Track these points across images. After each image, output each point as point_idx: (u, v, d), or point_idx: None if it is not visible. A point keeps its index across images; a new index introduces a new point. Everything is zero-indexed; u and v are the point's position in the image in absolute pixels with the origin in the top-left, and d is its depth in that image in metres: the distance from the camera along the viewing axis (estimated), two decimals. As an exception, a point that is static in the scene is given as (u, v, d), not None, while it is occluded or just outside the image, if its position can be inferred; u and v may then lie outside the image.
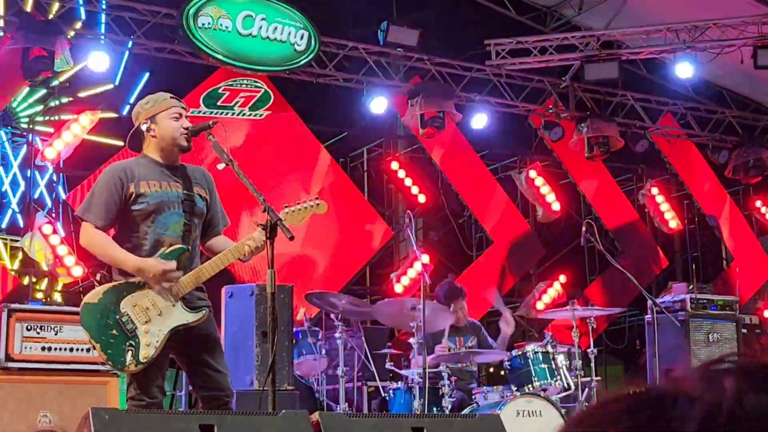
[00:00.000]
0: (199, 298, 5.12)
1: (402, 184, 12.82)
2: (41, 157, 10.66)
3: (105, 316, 4.89)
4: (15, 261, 14.04)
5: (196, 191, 5.21)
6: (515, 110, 13.22)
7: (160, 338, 4.89)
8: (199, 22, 10.69)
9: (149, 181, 5.09)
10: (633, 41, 13.02)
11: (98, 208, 5.04)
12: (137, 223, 5.06)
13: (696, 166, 14.76)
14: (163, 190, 5.10)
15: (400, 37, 11.83)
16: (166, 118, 5.17)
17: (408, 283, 12.45)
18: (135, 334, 4.87)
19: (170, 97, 5.27)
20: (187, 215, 5.11)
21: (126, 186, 5.06)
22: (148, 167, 5.15)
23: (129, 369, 4.84)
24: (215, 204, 5.34)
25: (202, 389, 5.10)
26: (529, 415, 7.86)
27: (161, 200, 5.07)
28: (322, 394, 9.03)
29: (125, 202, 5.06)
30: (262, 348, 7.99)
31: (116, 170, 5.13)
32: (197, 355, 5.08)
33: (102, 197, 5.06)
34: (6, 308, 7.42)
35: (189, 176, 5.25)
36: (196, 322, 4.98)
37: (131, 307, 4.91)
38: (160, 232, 5.04)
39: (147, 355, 4.85)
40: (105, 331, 4.87)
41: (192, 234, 5.13)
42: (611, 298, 13.43)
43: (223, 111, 11.48)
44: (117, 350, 4.84)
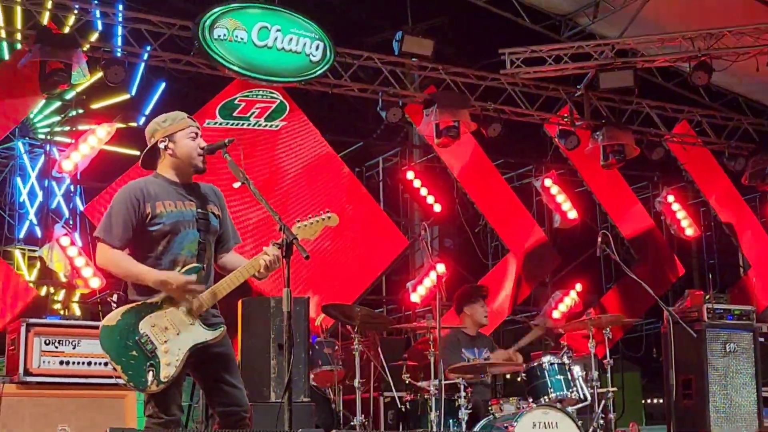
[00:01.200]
0: (214, 315, 5.14)
1: (417, 194, 12.83)
2: (58, 169, 10.71)
3: (124, 337, 4.90)
4: (33, 271, 14.16)
5: (210, 209, 5.23)
6: (530, 119, 13.21)
7: (180, 357, 4.90)
8: (215, 34, 10.74)
9: (165, 201, 5.11)
10: (648, 49, 12.99)
11: (116, 229, 5.06)
12: (153, 243, 5.08)
13: (712, 173, 14.70)
14: (178, 209, 5.12)
15: (414, 47, 11.84)
16: (184, 137, 5.19)
17: (424, 292, 12.45)
18: (155, 354, 4.88)
19: (186, 117, 5.29)
20: (202, 234, 5.13)
21: (143, 206, 5.08)
22: (163, 186, 5.17)
23: (151, 389, 4.86)
24: (226, 221, 5.36)
25: (219, 405, 5.12)
26: (546, 427, 7.85)
27: (177, 220, 5.09)
28: (339, 405, 9.03)
29: (141, 222, 5.08)
30: (278, 360, 8.01)
31: (132, 190, 5.14)
32: (214, 372, 5.10)
33: (119, 218, 5.07)
34: (24, 323, 7.48)
35: (202, 194, 5.27)
36: (215, 339, 5.00)
37: (150, 328, 4.92)
38: (176, 251, 5.06)
39: (168, 374, 4.87)
40: (125, 352, 4.88)
41: (207, 252, 5.15)
42: (628, 306, 13.39)
43: (238, 122, 11.51)
44: (138, 371, 4.86)
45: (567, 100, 13.35)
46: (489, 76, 12.81)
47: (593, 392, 8.38)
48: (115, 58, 10.73)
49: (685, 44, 12.49)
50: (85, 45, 10.58)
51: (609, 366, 8.64)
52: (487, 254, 14.22)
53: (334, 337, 9.75)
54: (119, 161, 12.42)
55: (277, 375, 7.98)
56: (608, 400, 8.45)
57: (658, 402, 19.40)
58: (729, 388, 9.51)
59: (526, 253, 13.42)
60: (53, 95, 11.15)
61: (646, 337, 15.05)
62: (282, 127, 11.89)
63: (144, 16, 10.96)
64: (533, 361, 8.56)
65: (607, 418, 8.43)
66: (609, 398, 8.45)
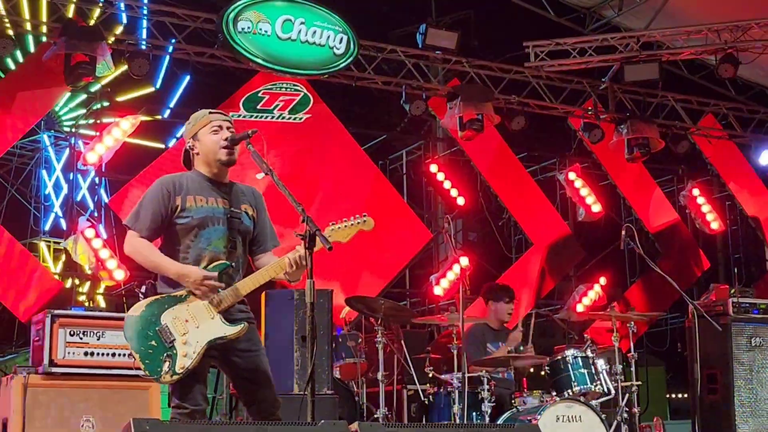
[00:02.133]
0: (240, 311, 5.15)
1: (441, 187, 12.80)
2: (83, 161, 10.76)
3: (146, 327, 4.95)
4: (58, 263, 14.24)
5: (244, 209, 5.25)
6: (554, 112, 13.17)
7: (197, 350, 4.92)
8: (238, 27, 10.75)
9: (196, 195, 5.15)
10: (674, 42, 12.92)
11: (145, 219, 5.12)
12: (180, 236, 5.12)
13: (738, 166, 14.62)
14: (209, 205, 5.15)
15: (438, 39, 11.82)
16: (206, 133, 5.22)
17: (447, 285, 12.44)
18: (173, 345, 4.92)
19: (209, 112, 5.31)
20: (232, 232, 5.15)
21: (173, 198, 5.13)
22: (197, 182, 5.22)
23: (164, 379, 4.89)
24: (263, 222, 5.36)
25: (248, 403, 5.15)
26: (569, 420, 7.83)
27: (205, 215, 5.12)
28: (362, 397, 9.04)
29: (171, 215, 5.13)
30: (301, 352, 8.04)
31: (165, 183, 5.20)
32: (238, 369, 5.12)
33: (149, 208, 5.13)
34: (50, 314, 7.52)
35: (238, 193, 5.30)
36: (234, 335, 5.00)
37: (171, 320, 4.96)
38: (202, 246, 5.09)
39: (183, 365, 4.90)
40: (144, 342, 4.92)
41: (236, 251, 5.17)
42: (652, 300, 13.34)
43: (262, 115, 11.54)
44: (155, 360, 4.90)
45: (591, 93, 13.29)
46: (513, 68, 12.77)
47: (617, 386, 8.35)
48: (139, 51, 10.77)
49: (711, 36, 12.42)
50: (110, 38, 10.61)
51: (633, 360, 8.60)
52: (511, 247, 14.18)
53: (358, 330, 9.75)
54: (144, 154, 12.48)
55: (300, 367, 8.01)
56: (632, 394, 8.41)
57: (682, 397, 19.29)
58: (754, 383, 9.44)
59: (550, 247, 13.38)
60: (78, 88, 11.19)
61: (671, 332, 14.97)
62: (305, 120, 11.90)
63: (168, 8, 11.00)
64: (557, 355, 8.54)
65: (631, 412, 8.39)
66: (633, 392, 8.41)
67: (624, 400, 8.30)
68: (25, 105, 10.42)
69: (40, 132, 13.90)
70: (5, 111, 10.31)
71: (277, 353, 7.77)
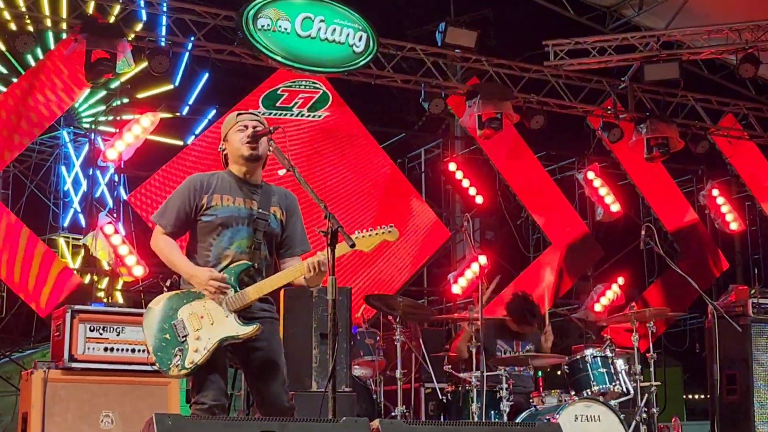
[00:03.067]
0: (262, 309, 5.16)
1: (459, 185, 12.80)
2: (103, 157, 10.79)
3: (162, 321, 4.99)
4: (77, 259, 14.30)
5: (272, 210, 5.25)
6: (573, 111, 13.13)
7: (208, 346, 4.94)
8: (258, 24, 10.77)
9: (223, 195, 5.18)
10: (694, 41, 12.88)
11: (169, 215, 5.17)
12: (204, 234, 5.16)
13: (758, 166, 14.56)
14: (235, 205, 5.17)
15: (457, 38, 11.80)
16: (233, 133, 5.25)
17: (465, 284, 12.44)
18: (185, 340, 4.95)
19: (237, 114, 5.33)
20: (257, 233, 5.15)
21: (199, 196, 5.16)
22: (228, 181, 5.24)
23: (172, 372, 4.93)
24: (293, 226, 5.34)
25: (261, 406, 5.15)
26: (588, 420, 7.80)
27: (230, 215, 5.14)
28: (380, 395, 9.04)
29: (196, 212, 5.16)
30: (320, 350, 8.03)
31: (194, 180, 5.24)
32: (254, 370, 5.13)
33: (174, 205, 5.18)
34: (70, 309, 7.54)
35: (269, 195, 5.30)
36: (246, 336, 4.99)
37: (188, 315, 5.00)
38: (224, 245, 5.11)
39: (193, 360, 4.91)
40: (159, 334, 4.97)
41: (261, 252, 5.17)
42: (671, 300, 13.29)
43: (282, 112, 11.55)
44: (166, 353, 4.94)
45: (611, 92, 13.26)
46: (532, 67, 12.75)
47: (636, 386, 8.33)
48: (159, 48, 10.78)
49: (731, 36, 12.37)
50: (130, 35, 10.65)
51: (652, 360, 8.57)
52: (529, 246, 14.16)
53: (376, 328, 9.75)
54: (163, 151, 12.53)
55: (318, 364, 8.00)
56: (651, 394, 8.38)
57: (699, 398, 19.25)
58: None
59: (569, 246, 13.35)
60: (98, 84, 11.24)
61: (689, 332, 14.93)
62: (325, 118, 11.91)
63: (188, 5, 11.02)
64: (576, 354, 8.51)
65: (650, 412, 8.37)
66: (652, 392, 8.38)
67: (643, 401, 8.27)
68: (45, 102, 10.46)
69: (60, 128, 13.95)
70: (25, 107, 10.34)
71: (295, 350, 7.77)
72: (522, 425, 6.50)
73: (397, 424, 4.52)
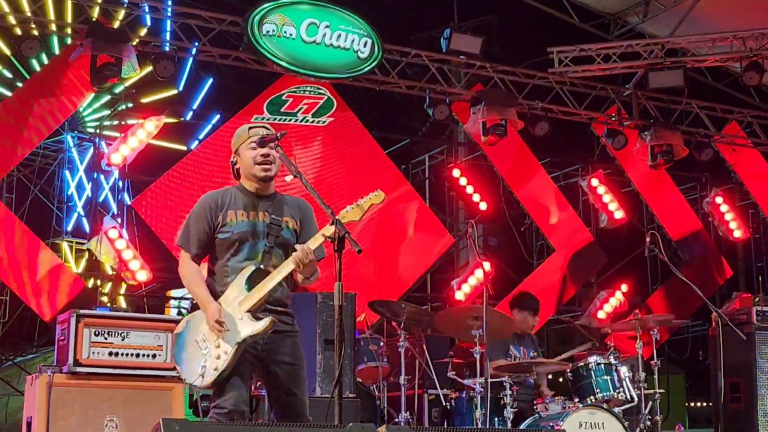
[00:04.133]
0: (283, 323, 5.21)
1: (463, 191, 12.80)
2: (107, 161, 10.79)
3: (187, 340, 5.14)
4: (80, 263, 14.31)
5: (285, 220, 5.27)
6: (578, 118, 13.13)
7: (228, 350, 4.98)
8: (263, 30, 10.77)
9: (237, 210, 5.21)
10: (698, 49, 12.90)
11: (194, 238, 5.22)
12: (222, 250, 5.21)
13: (762, 174, 14.55)
14: (250, 220, 5.19)
15: (462, 44, 11.82)
16: (245, 149, 5.25)
17: (469, 290, 12.42)
18: (209, 351, 5.03)
19: (249, 128, 5.32)
20: (270, 240, 5.17)
21: (215, 215, 5.21)
22: (239, 197, 5.26)
23: (203, 384, 5.00)
24: (307, 234, 5.30)
25: (281, 417, 5.16)
26: (592, 427, 7.80)
27: (245, 230, 5.17)
28: (383, 401, 9.02)
29: (214, 230, 5.21)
30: (324, 355, 8.03)
31: (208, 200, 5.27)
32: (276, 382, 5.18)
33: (196, 227, 5.23)
34: (75, 314, 7.54)
35: (281, 205, 5.31)
36: (262, 330, 5.00)
37: (207, 329, 5.08)
38: (240, 260, 5.16)
39: (216, 367, 4.97)
40: (185, 352, 5.10)
41: (272, 259, 5.18)
42: (674, 308, 13.27)
43: (286, 118, 11.56)
44: (192, 367, 5.04)
45: (615, 99, 13.27)
46: (537, 74, 12.76)
47: (640, 393, 8.31)
48: (164, 53, 10.79)
49: (736, 44, 12.39)
50: (135, 39, 10.66)
51: (656, 367, 8.57)
52: (532, 253, 14.15)
53: (380, 334, 9.73)
54: (167, 156, 12.53)
55: (322, 370, 8.00)
56: (655, 401, 8.38)
57: (701, 405, 19.23)
58: (778, 392, 9.40)
59: (572, 253, 13.34)
60: (103, 89, 11.24)
61: (692, 340, 14.91)
62: (329, 124, 11.92)
63: (193, 11, 11.03)
64: (579, 361, 8.50)
65: (653, 420, 8.36)
66: (656, 399, 8.37)
67: (647, 408, 8.26)
68: (50, 106, 10.46)
69: (64, 133, 13.96)
70: (30, 112, 10.35)
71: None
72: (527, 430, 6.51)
73: (404, 430, 4.52)
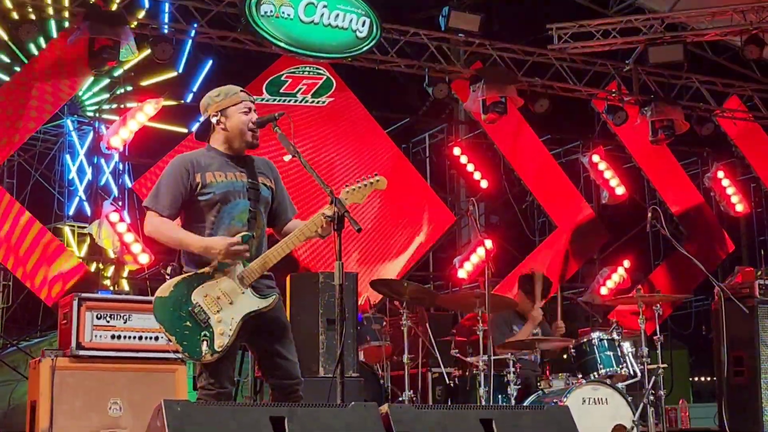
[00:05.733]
0: (268, 286, 5.15)
1: (464, 170, 12.79)
2: (107, 145, 10.78)
3: (177, 308, 4.93)
4: (82, 248, 14.30)
5: (261, 180, 5.25)
6: (578, 94, 13.10)
7: (233, 326, 4.92)
8: (261, 11, 10.73)
9: (215, 171, 5.14)
10: (698, 23, 12.83)
11: (165, 198, 5.10)
12: (203, 213, 5.12)
13: (763, 148, 14.52)
14: (228, 180, 5.14)
15: (461, 22, 11.77)
16: (237, 112, 5.21)
17: (471, 268, 12.44)
18: (208, 324, 4.91)
19: (240, 91, 5.29)
20: (252, 203, 5.15)
21: (192, 176, 5.11)
22: (214, 158, 5.20)
23: (206, 359, 4.88)
24: (281, 192, 5.36)
25: (272, 377, 5.14)
26: (596, 403, 7.81)
27: (227, 190, 5.12)
28: (387, 380, 9.05)
29: (191, 193, 5.12)
30: (327, 335, 8.05)
31: (183, 161, 5.18)
32: (268, 344, 5.12)
33: (169, 187, 5.11)
34: (77, 297, 7.55)
35: (253, 166, 5.29)
36: (267, 307, 5.01)
37: (202, 298, 4.95)
38: (227, 221, 5.09)
39: (222, 343, 4.89)
40: (179, 323, 4.91)
41: (258, 222, 5.16)
42: (677, 283, 13.30)
43: (285, 98, 11.54)
44: (192, 341, 4.89)
45: (615, 75, 13.23)
46: (536, 51, 12.71)
47: (643, 368, 8.32)
48: (162, 35, 10.76)
49: (736, 18, 12.33)
50: (133, 22, 10.63)
51: (659, 343, 8.57)
52: (534, 230, 14.17)
53: (382, 313, 9.75)
54: (167, 138, 12.50)
55: (325, 350, 8.02)
56: (658, 376, 8.38)
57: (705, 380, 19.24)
58: (781, 365, 9.39)
59: (574, 230, 13.34)
60: (102, 72, 11.19)
61: (695, 314, 14.92)
62: (328, 104, 11.89)
63: (191, -8, 10.99)
64: (582, 337, 8.51)
65: (657, 395, 8.36)
66: (659, 375, 8.37)
67: (650, 383, 8.26)
68: (49, 90, 10.44)
69: (64, 117, 13.91)
70: (29, 96, 10.33)
71: (302, 336, 7.77)
72: (530, 408, 6.51)
73: (406, 408, 4.52)
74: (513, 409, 5.41)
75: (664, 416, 8.24)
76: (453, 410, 4.71)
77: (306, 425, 4.19)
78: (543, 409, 5.03)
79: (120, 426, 7.46)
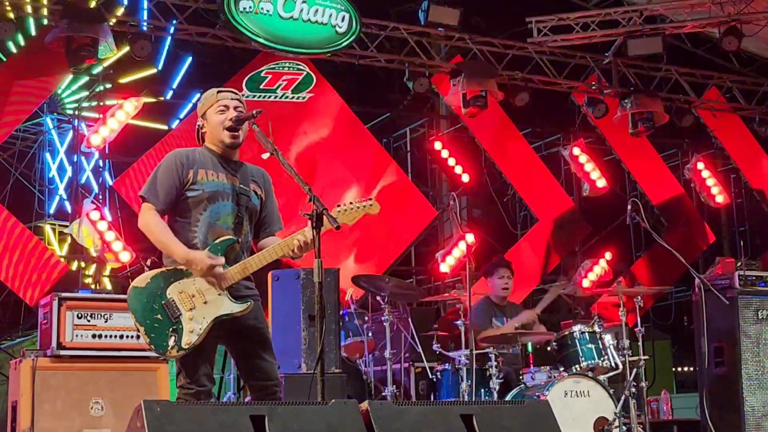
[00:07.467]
0: (247, 288, 5.16)
1: (445, 164, 12.79)
2: (87, 144, 10.75)
3: (151, 300, 4.96)
4: (63, 246, 14.24)
5: (252, 188, 5.28)
6: (558, 87, 13.11)
7: (203, 326, 4.94)
8: (240, 7, 10.70)
9: (207, 170, 5.18)
10: (677, 15, 12.85)
11: (160, 191, 5.13)
12: (190, 209, 5.14)
13: (742, 139, 14.57)
14: (219, 180, 5.18)
15: (440, 16, 11.75)
16: (213, 113, 5.25)
17: (453, 263, 12.44)
18: (179, 320, 4.93)
19: (218, 91, 5.31)
20: (240, 208, 5.17)
21: (186, 171, 5.15)
22: (208, 157, 5.24)
23: (171, 354, 4.91)
24: (271, 204, 5.39)
25: (251, 378, 5.16)
26: (578, 396, 7.87)
27: (215, 190, 5.14)
28: (370, 376, 9.06)
29: (182, 187, 5.14)
30: (309, 331, 8.04)
31: (178, 155, 5.22)
32: (246, 346, 5.14)
33: (164, 180, 5.14)
34: (57, 297, 7.54)
35: (247, 172, 5.32)
36: (241, 312, 5.02)
37: (177, 294, 4.97)
38: (211, 221, 5.11)
39: (189, 341, 4.91)
40: (150, 315, 4.93)
41: (243, 227, 5.18)
42: (658, 275, 13.34)
43: (265, 94, 11.52)
44: (160, 335, 4.91)
45: (595, 67, 13.25)
46: (516, 44, 12.72)
47: (624, 360, 8.36)
48: (141, 32, 10.73)
49: (714, 9, 12.36)
50: (111, 19, 10.59)
51: (640, 334, 8.61)
52: (516, 223, 14.19)
53: (364, 309, 9.76)
54: (147, 136, 12.46)
55: (307, 346, 8.01)
56: (640, 368, 8.43)
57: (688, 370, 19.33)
58: (761, 356, 9.42)
59: (555, 223, 13.37)
60: (80, 70, 11.15)
61: (677, 306, 14.98)
62: (309, 99, 11.88)
63: (169, -11, 10.95)
64: (564, 330, 8.55)
65: (639, 386, 8.41)
66: (641, 366, 8.42)
67: (632, 375, 8.31)
68: (28, 88, 10.40)
69: (43, 115, 13.85)
70: (7, 95, 10.28)
71: (283, 332, 7.78)
72: (511, 403, 6.54)
73: (387, 405, 4.53)
74: (493, 405, 5.42)
75: (646, 408, 8.29)
76: (433, 407, 4.72)
77: (286, 423, 4.19)
78: (523, 404, 5.04)
79: (102, 426, 7.46)
